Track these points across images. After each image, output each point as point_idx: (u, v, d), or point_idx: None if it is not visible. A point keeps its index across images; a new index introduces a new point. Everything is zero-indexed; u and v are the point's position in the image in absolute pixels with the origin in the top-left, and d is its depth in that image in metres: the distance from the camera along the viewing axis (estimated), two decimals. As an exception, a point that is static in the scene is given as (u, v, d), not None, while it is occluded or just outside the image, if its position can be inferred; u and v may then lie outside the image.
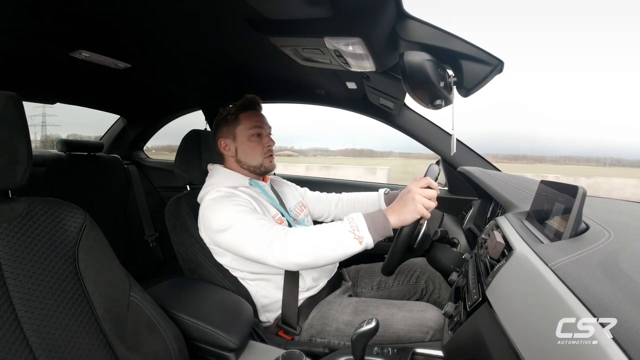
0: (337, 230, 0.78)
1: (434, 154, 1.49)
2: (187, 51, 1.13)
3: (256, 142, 1.02)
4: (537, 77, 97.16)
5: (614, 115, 70.34)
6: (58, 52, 1.08)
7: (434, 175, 0.86)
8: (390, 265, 0.87)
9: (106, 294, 0.66)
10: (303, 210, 1.15)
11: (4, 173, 0.58)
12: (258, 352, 0.84)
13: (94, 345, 0.63)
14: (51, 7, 0.80)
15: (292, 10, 0.68)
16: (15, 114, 0.60)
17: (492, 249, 0.60)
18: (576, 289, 0.35)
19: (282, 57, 0.93)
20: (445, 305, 0.74)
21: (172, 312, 0.79)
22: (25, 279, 0.59)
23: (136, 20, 0.89)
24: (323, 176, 1.96)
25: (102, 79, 1.42)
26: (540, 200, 0.67)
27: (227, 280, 0.97)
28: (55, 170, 1.67)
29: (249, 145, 1.02)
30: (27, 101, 1.43)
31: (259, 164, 1.03)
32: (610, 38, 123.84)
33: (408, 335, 0.86)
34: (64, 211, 0.66)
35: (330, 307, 0.97)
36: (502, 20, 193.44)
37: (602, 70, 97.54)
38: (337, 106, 1.66)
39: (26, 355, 0.55)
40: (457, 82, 0.76)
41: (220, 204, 0.89)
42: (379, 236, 0.78)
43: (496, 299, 0.51)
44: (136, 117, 2.12)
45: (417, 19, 0.69)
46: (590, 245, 0.46)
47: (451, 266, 0.97)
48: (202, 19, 0.85)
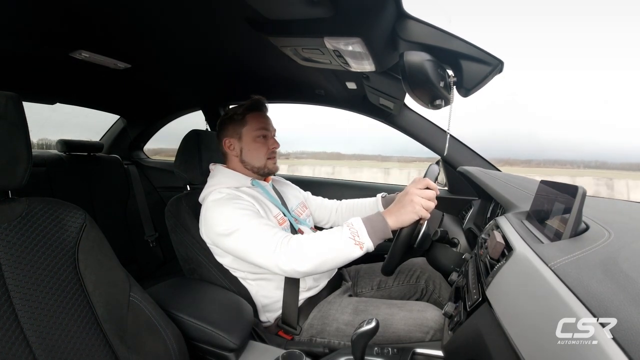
0: (338, 237, 0.79)
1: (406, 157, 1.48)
2: (187, 51, 1.13)
3: (261, 143, 1.02)
4: (531, 76, 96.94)
5: (598, 115, 69.29)
6: (58, 52, 1.08)
7: (434, 176, 0.86)
8: (390, 265, 0.87)
9: (106, 294, 0.66)
10: (305, 210, 1.16)
11: (4, 173, 0.58)
12: (258, 352, 0.84)
13: (94, 345, 0.63)
14: (51, 7, 0.80)
15: (292, 10, 0.68)
16: (15, 115, 0.60)
17: (492, 249, 0.60)
18: (576, 289, 0.35)
19: (282, 57, 0.93)
20: (445, 305, 0.75)
21: (172, 312, 0.79)
22: (25, 279, 0.59)
23: (136, 20, 0.89)
24: (323, 176, 1.97)
25: (102, 79, 1.42)
26: (540, 200, 0.67)
27: (228, 280, 0.97)
28: (55, 170, 1.67)
29: (254, 146, 1.02)
30: (27, 101, 1.43)
31: (263, 165, 1.03)
32: (610, 38, 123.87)
33: (408, 335, 0.86)
34: (64, 211, 0.66)
35: (330, 307, 0.97)
36: (502, 20, 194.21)
37: (599, 69, 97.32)
38: (337, 106, 1.66)
39: (26, 355, 0.55)
40: (457, 82, 0.76)
41: (224, 206, 0.89)
42: (378, 239, 0.78)
43: (496, 299, 0.51)
44: (136, 117, 2.11)
45: (417, 19, 0.69)
46: (590, 245, 0.46)
47: (451, 266, 0.97)
48: (202, 19, 0.85)
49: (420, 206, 0.78)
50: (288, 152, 9.57)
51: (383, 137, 1.51)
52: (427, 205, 0.79)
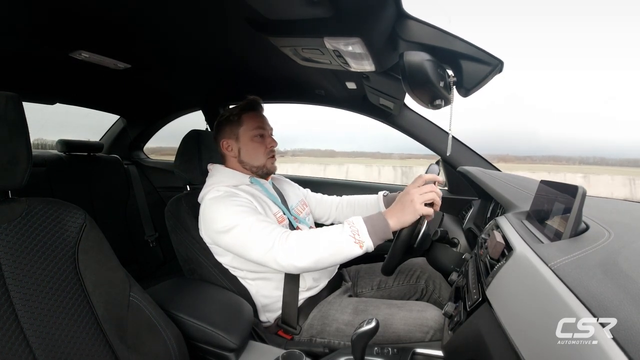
0: (338, 235, 0.79)
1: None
2: (187, 51, 1.13)
3: (259, 142, 1.03)
4: (533, 75, 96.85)
5: (596, 111, 68.88)
6: (58, 52, 1.08)
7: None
8: (390, 265, 0.87)
9: (106, 294, 0.66)
10: (305, 208, 1.15)
11: (4, 173, 0.58)
12: (258, 352, 0.84)
13: (94, 345, 0.63)
14: (51, 7, 0.80)
15: (292, 10, 0.68)
16: (15, 115, 0.60)
17: (492, 249, 0.60)
18: (576, 289, 0.35)
19: (282, 58, 0.93)
20: (445, 305, 0.75)
21: (172, 312, 0.79)
22: (25, 279, 0.59)
23: (136, 21, 0.89)
24: (323, 176, 1.97)
25: (102, 79, 1.41)
26: (540, 200, 0.67)
27: (227, 280, 0.97)
28: (55, 170, 1.67)
29: (252, 145, 1.02)
30: (26, 101, 1.43)
31: (262, 164, 1.03)
32: (610, 38, 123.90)
33: (408, 335, 0.86)
34: (64, 211, 0.66)
35: (330, 307, 0.97)
36: (502, 20, 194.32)
37: (599, 70, 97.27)
38: (337, 106, 1.66)
39: (26, 355, 0.55)
40: (457, 82, 0.76)
41: (221, 204, 0.89)
42: (378, 239, 0.78)
43: (496, 299, 0.51)
44: (136, 117, 2.11)
45: (417, 19, 0.69)
46: (590, 245, 0.46)
47: (451, 266, 0.97)
48: (202, 19, 0.85)
49: (420, 205, 0.78)
50: (286, 150, 9.54)
51: (380, 134, 1.51)
52: (431, 198, 0.79)
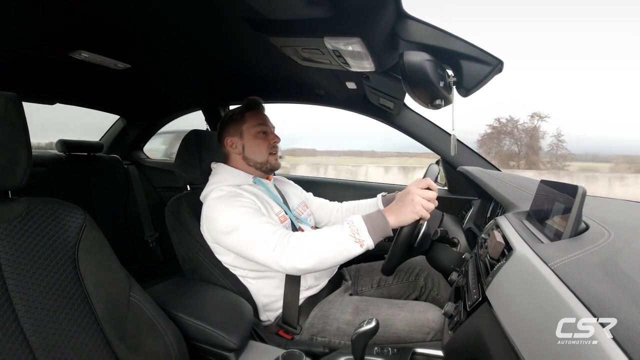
0: (338, 235, 0.79)
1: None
2: (187, 51, 1.13)
3: (262, 138, 1.04)
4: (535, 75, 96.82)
5: (597, 113, 68.72)
6: (58, 52, 1.08)
7: (434, 176, 0.86)
8: (390, 265, 0.87)
9: (106, 294, 0.66)
10: (306, 209, 1.16)
11: (4, 173, 0.58)
12: (258, 352, 0.84)
13: (94, 345, 0.63)
14: (51, 7, 0.80)
15: (291, 10, 0.68)
16: (15, 115, 0.60)
17: (492, 248, 0.60)
18: (576, 289, 0.35)
19: (282, 58, 0.93)
20: (445, 305, 0.75)
21: (172, 312, 0.79)
22: (25, 279, 0.59)
23: (136, 21, 0.89)
24: (323, 176, 1.97)
25: (102, 80, 1.41)
26: (540, 200, 0.67)
27: (228, 280, 0.97)
28: (55, 170, 1.67)
29: (256, 142, 1.03)
30: (27, 101, 1.43)
31: (265, 160, 1.04)
32: (610, 38, 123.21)
33: (409, 336, 0.86)
34: (64, 211, 0.66)
35: (331, 307, 0.97)
36: (502, 20, 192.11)
37: (599, 69, 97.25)
38: (337, 106, 1.66)
39: (26, 355, 0.55)
40: (457, 82, 0.76)
41: (225, 204, 0.90)
42: (378, 237, 0.79)
43: (496, 299, 0.51)
44: (136, 117, 2.11)
45: (417, 19, 0.69)
46: (590, 245, 0.46)
47: (451, 266, 0.97)
48: (202, 19, 0.85)
49: (420, 206, 0.78)
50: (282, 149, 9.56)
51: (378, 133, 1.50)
52: (428, 206, 0.79)
